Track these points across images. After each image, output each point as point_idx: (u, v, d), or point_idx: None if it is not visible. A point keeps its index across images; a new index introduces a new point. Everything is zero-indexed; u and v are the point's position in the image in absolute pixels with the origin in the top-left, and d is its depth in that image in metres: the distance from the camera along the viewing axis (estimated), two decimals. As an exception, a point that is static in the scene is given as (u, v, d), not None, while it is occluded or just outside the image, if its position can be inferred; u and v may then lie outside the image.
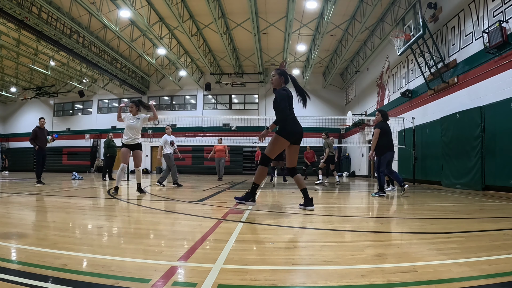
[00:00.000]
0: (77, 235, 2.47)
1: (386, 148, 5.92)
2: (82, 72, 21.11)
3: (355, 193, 7.29)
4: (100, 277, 1.45)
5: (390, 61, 14.03)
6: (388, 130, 6.03)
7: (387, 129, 6.01)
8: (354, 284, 1.42)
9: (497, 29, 6.95)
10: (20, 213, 3.40)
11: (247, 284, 1.40)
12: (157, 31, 14.34)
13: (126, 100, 6.25)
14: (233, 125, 20.93)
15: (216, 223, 2.93)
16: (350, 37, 14.44)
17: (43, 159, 8.30)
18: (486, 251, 2.00)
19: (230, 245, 2.09)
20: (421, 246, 2.16)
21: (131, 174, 12.29)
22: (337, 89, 21.63)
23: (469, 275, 1.52)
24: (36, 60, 18.14)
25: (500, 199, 5.58)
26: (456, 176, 8.55)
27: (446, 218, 3.52)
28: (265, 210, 3.93)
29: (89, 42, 15.41)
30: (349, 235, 2.64)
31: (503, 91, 7.08)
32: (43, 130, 8.18)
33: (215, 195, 5.84)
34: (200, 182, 10.96)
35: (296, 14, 12.36)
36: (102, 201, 5.03)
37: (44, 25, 12.67)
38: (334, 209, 4.19)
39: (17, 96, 24.12)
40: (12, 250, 1.93)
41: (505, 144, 6.82)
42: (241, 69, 20.72)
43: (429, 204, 4.90)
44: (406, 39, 9.92)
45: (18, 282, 1.35)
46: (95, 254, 1.84)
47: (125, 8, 11.98)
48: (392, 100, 13.72)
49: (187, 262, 1.72)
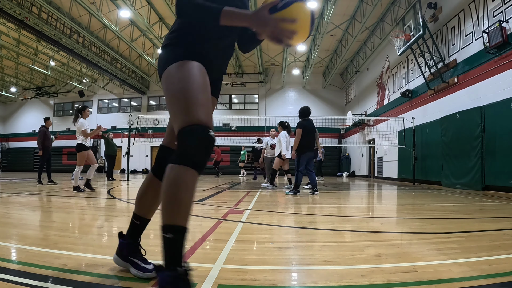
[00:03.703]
0: (77, 235, 2.47)
1: (305, 148, 5.93)
2: (82, 72, 21.10)
3: (355, 193, 7.29)
4: (100, 277, 1.45)
5: (390, 61, 14.03)
6: (310, 129, 6.00)
7: (309, 128, 5.99)
8: (354, 284, 1.42)
9: (497, 29, 6.95)
10: (20, 213, 3.40)
11: (247, 284, 1.40)
12: (157, 31, 14.35)
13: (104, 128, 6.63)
14: (233, 125, 20.92)
15: (216, 223, 2.93)
16: (350, 37, 14.43)
17: (50, 159, 8.58)
18: (486, 251, 1.99)
19: (230, 245, 2.09)
20: (421, 246, 2.16)
21: (131, 174, 12.30)
22: (337, 89, 21.62)
23: (469, 275, 1.52)
24: (36, 60, 18.14)
25: (500, 199, 5.58)
26: (456, 176, 8.54)
27: (446, 218, 3.52)
28: (265, 210, 3.93)
29: (89, 42, 15.41)
30: (349, 235, 2.64)
31: (503, 91, 7.08)
32: (48, 130, 8.46)
33: (215, 195, 5.84)
34: (200, 182, 10.97)
35: (296, 14, 12.34)
36: (102, 201, 5.03)
37: (44, 25, 12.67)
38: (334, 209, 4.19)
39: (17, 96, 24.12)
40: (12, 250, 1.93)
41: (505, 144, 6.82)
42: (241, 69, 20.72)
43: (429, 204, 4.90)
44: (406, 39, 9.92)
45: (18, 282, 1.35)
46: (95, 254, 1.84)
47: (125, 8, 11.98)
48: (392, 100, 13.72)
49: (187, 262, 1.71)
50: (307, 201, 5.04)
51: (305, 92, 21.66)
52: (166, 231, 1.12)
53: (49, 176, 8.50)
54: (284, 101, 21.37)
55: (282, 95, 21.74)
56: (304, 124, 5.98)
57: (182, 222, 1.14)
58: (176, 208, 1.13)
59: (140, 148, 20.86)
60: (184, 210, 1.14)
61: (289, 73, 20.03)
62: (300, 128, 5.92)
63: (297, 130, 5.95)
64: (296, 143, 5.97)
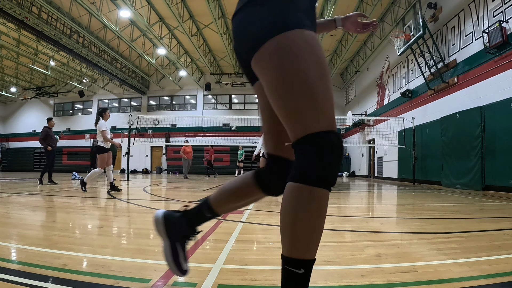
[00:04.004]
0: (77, 235, 2.47)
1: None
2: (82, 72, 21.10)
3: (355, 193, 7.29)
4: (100, 277, 1.45)
5: (390, 61, 14.03)
6: None
7: None
8: (354, 284, 1.42)
9: (497, 29, 6.95)
10: (20, 213, 3.40)
11: (247, 284, 1.40)
12: (157, 31, 14.34)
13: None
14: (233, 125, 20.93)
15: (216, 223, 2.93)
16: (350, 37, 14.44)
17: (54, 159, 8.62)
18: (486, 251, 1.99)
19: (230, 245, 2.09)
20: (421, 246, 2.16)
21: (131, 174, 12.31)
22: (337, 89, 21.63)
23: (469, 275, 1.52)
24: (36, 60, 18.14)
25: (500, 199, 5.58)
26: (456, 176, 8.54)
27: (446, 218, 3.52)
28: (265, 210, 3.93)
29: (89, 42, 15.41)
30: (349, 235, 2.64)
31: (503, 91, 7.08)
32: (51, 130, 8.50)
33: (215, 195, 5.83)
34: (200, 182, 10.96)
35: (296, 14, 12.35)
36: (102, 201, 5.03)
37: (44, 25, 12.66)
38: (334, 209, 4.19)
39: (17, 96, 24.12)
40: (12, 250, 1.93)
41: (505, 144, 6.82)
42: (241, 69, 20.72)
43: (429, 204, 4.90)
44: (406, 39, 9.92)
45: (18, 282, 1.35)
46: (95, 254, 1.84)
47: (125, 8, 11.98)
48: (392, 100, 13.72)
49: (187, 262, 1.72)
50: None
51: (305, 92, 21.65)
52: (298, 266, 0.92)
53: (50, 176, 8.52)
54: (284, 101, 21.37)
55: (282, 95, 21.73)
56: None
57: (315, 255, 0.94)
58: (313, 239, 0.93)
59: (140, 148, 20.87)
60: (318, 241, 0.94)
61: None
62: None
63: None
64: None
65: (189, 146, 13.32)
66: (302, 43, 0.88)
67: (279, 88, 0.89)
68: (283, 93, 0.89)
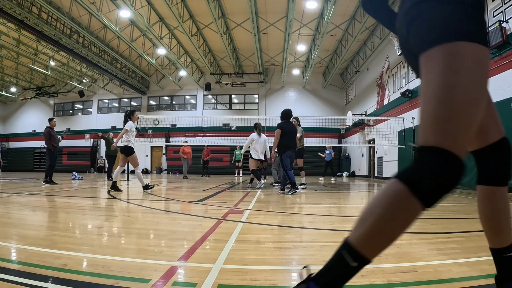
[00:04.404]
0: (77, 235, 2.47)
1: (284, 147, 6.24)
2: (82, 72, 21.11)
3: (355, 193, 7.29)
4: (100, 277, 1.45)
5: (390, 61, 14.03)
6: (288, 131, 6.31)
7: (287, 129, 6.30)
8: (354, 284, 1.42)
9: (497, 29, 6.95)
10: (20, 213, 3.40)
11: (247, 284, 1.40)
12: (157, 31, 14.34)
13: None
14: (233, 125, 20.93)
15: (216, 223, 2.93)
16: (350, 37, 14.43)
17: (56, 159, 8.65)
18: (486, 251, 1.98)
19: (230, 245, 2.09)
20: (421, 246, 2.16)
21: (131, 174, 12.31)
22: (337, 89, 21.63)
23: (469, 275, 1.52)
24: (36, 60, 18.14)
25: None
26: (456, 176, 8.54)
27: (446, 218, 3.52)
28: (265, 210, 3.93)
29: (89, 42, 15.42)
30: (349, 235, 2.63)
31: (503, 91, 7.08)
32: (53, 130, 8.52)
33: (215, 195, 5.84)
34: (200, 182, 10.97)
35: (296, 14, 12.35)
36: (102, 201, 5.03)
37: (44, 25, 12.67)
38: (334, 209, 4.19)
39: (17, 96, 24.13)
40: (12, 250, 1.93)
41: (505, 144, 6.82)
42: (241, 69, 20.72)
43: (429, 204, 4.88)
44: (406, 39, 9.91)
45: (18, 282, 1.35)
46: (95, 254, 1.84)
47: (125, 8, 11.98)
48: (392, 100, 13.72)
49: (187, 262, 1.72)
50: (307, 201, 5.05)
51: (305, 92, 21.66)
52: (355, 258, 0.89)
53: (51, 176, 8.51)
54: (284, 101, 21.36)
55: (282, 95, 21.74)
56: (283, 125, 6.30)
57: (374, 257, 0.90)
58: (385, 241, 0.89)
59: (140, 148, 20.86)
60: (387, 247, 0.90)
61: (289, 73, 20.02)
62: (279, 129, 6.25)
63: (276, 130, 6.27)
64: (275, 143, 6.30)
65: (188, 146, 13.44)
66: (478, 62, 0.83)
67: (434, 87, 0.85)
68: (435, 104, 0.85)
